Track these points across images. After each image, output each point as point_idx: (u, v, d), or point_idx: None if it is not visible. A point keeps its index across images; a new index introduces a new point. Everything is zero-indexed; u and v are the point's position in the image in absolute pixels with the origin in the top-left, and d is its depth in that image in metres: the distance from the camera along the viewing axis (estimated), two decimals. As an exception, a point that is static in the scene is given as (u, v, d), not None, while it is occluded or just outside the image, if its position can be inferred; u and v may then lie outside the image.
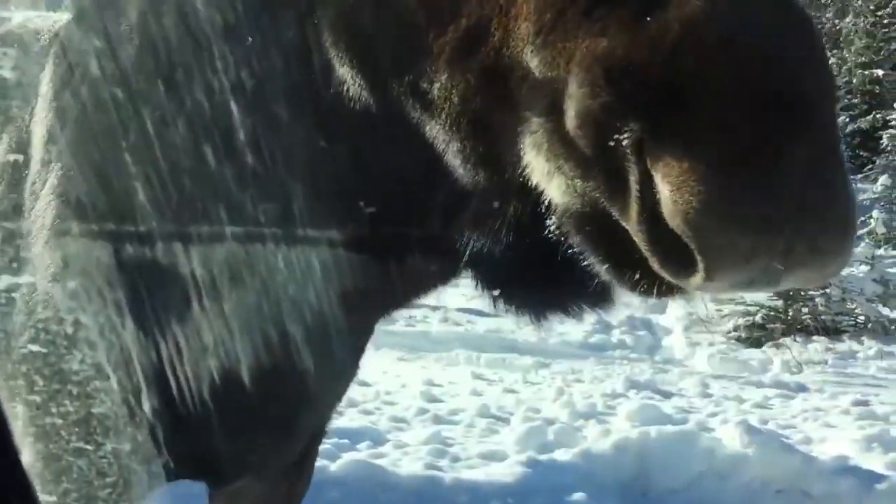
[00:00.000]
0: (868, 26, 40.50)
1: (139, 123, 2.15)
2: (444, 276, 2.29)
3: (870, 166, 33.40)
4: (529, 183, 1.57)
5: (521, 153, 1.55)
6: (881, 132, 31.68)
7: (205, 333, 2.20)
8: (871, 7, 40.57)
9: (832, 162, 1.30)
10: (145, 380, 2.20)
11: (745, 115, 1.23)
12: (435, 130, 1.81)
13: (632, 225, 1.36)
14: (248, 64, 2.06)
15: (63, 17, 2.62)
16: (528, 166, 1.55)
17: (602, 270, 1.53)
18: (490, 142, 1.69)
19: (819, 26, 49.18)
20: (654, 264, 1.38)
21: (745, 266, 1.30)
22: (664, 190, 1.27)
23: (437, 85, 1.72)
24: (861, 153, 35.72)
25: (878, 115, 35.53)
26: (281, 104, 2.09)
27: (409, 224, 2.05)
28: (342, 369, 2.71)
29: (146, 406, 2.21)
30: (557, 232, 1.59)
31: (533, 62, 1.47)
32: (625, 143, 1.29)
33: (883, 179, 27.62)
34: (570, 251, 1.58)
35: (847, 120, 35.95)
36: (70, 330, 2.17)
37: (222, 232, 2.15)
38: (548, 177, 1.51)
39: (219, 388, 2.26)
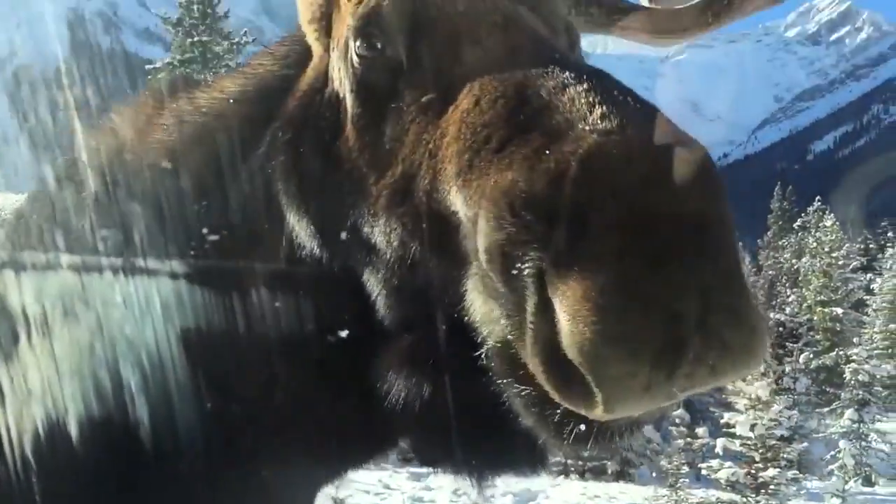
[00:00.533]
0: (824, 266, 42.26)
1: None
2: (380, 444, 2.28)
3: (837, 402, 33.47)
4: (465, 324, 1.59)
5: (449, 290, 1.61)
6: (844, 367, 32.09)
7: None
8: (826, 249, 42.58)
9: (732, 286, 1.29)
10: None
11: (636, 245, 1.24)
12: (373, 272, 1.88)
13: (527, 354, 1.37)
14: (206, 219, 2.16)
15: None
16: (455, 303, 1.59)
17: (523, 410, 1.52)
18: (422, 281, 1.73)
19: (778, 266, 51.72)
20: (554, 395, 1.36)
21: (644, 396, 1.27)
22: (562, 319, 1.27)
23: (376, 229, 1.82)
24: (827, 389, 35.94)
25: (840, 352, 36.18)
26: (240, 255, 2.17)
27: (352, 375, 2.01)
28: None
29: None
30: (489, 372, 1.58)
31: (456, 201, 1.56)
32: (525, 272, 1.33)
33: (849, 413, 27.57)
34: (499, 396, 1.57)
35: (811, 356, 36.46)
36: None
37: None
38: (471, 312, 1.56)
39: None
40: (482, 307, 1.55)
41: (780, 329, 37.76)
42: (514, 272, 1.35)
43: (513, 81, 1.56)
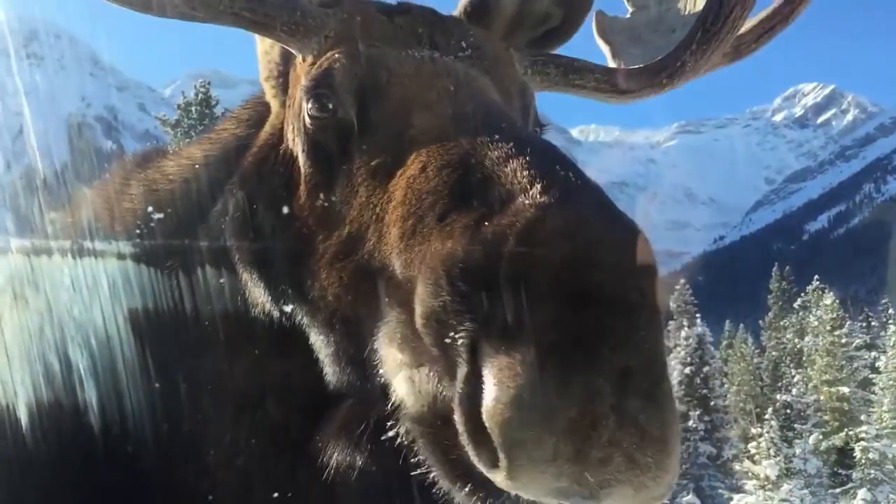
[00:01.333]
0: (827, 345, 41.91)
1: None
2: None
3: (850, 484, 32.77)
4: (384, 384, 1.62)
5: (377, 347, 1.63)
6: (854, 446, 31.57)
7: None
8: (828, 327, 42.30)
9: (654, 373, 1.30)
10: None
11: (560, 318, 1.26)
12: (315, 331, 1.91)
13: (458, 422, 1.37)
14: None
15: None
16: (381, 361, 1.62)
17: (439, 479, 1.53)
18: (357, 341, 1.75)
19: (781, 346, 50.88)
20: (472, 457, 1.37)
21: (549, 468, 1.27)
22: (487, 386, 1.29)
23: (317, 284, 1.86)
24: (838, 470, 35.17)
25: (849, 432, 35.62)
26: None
27: (304, 437, 2.02)
28: None
29: None
30: (403, 437, 1.60)
31: (396, 263, 1.60)
32: (459, 341, 1.35)
33: (862, 493, 27.04)
34: (414, 463, 1.58)
35: (820, 437, 35.88)
36: None
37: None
38: (396, 370, 1.57)
39: None
40: (394, 360, 1.56)
41: (788, 411, 37.22)
42: (448, 340, 1.36)
43: (459, 150, 1.60)
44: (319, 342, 1.90)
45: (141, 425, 2.07)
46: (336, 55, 1.97)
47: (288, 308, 1.95)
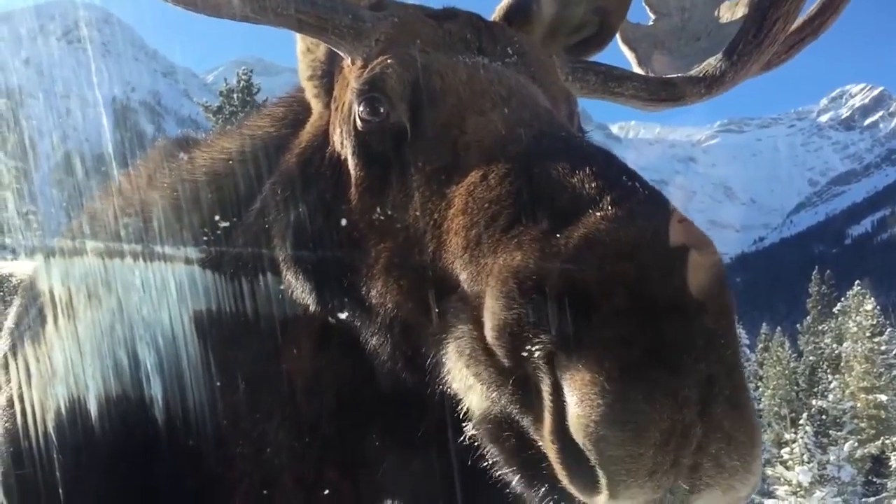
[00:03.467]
0: (866, 352, 41.25)
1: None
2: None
3: (884, 493, 32.27)
4: (449, 391, 1.65)
5: (444, 359, 1.64)
6: (890, 455, 31.04)
7: None
8: (867, 334, 41.63)
9: (734, 379, 1.31)
10: None
11: (643, 332, 1.27)
12: (370, 336, 1.91)
13: (544, 437, 1.38)
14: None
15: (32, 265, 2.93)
16: (449, 372, 1.63)
17: (513, 481, 1.54)
18: (417, 347, 1.76)
19: (819, 351, 50.22)
20: (563, 479, 1.38)
21: (648, 482, 1.28)
22: (570, 402, 1.30)
23: (373, 291, 1.86)
24: (873, 479, 34.65)
25: (886, 441, 35.05)
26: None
27: (348, 439, 2.06)
28: None
29: None
30: (472, 441, 1.61)
31: (462, 275, 1.60)
32: (537, 354, 1.35)
33: (897, 503, 26.56)
34: (483, 465, 1.59)
35: (856, 445, 35.36)
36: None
37: None
38: (466, 383, 1.58)
39: None
40: (463, 376, 1.57)
41: (823, 417, 36.71)
42: (524, 353, 1.36)
43: (521, 160, 1.60)
44: (375, 344, 1.89)
45: (201, 419, 2.12)
46: (388, 60, 1.96)
47: (343, 315, 1.96)
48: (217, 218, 2.24)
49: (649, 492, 1.29)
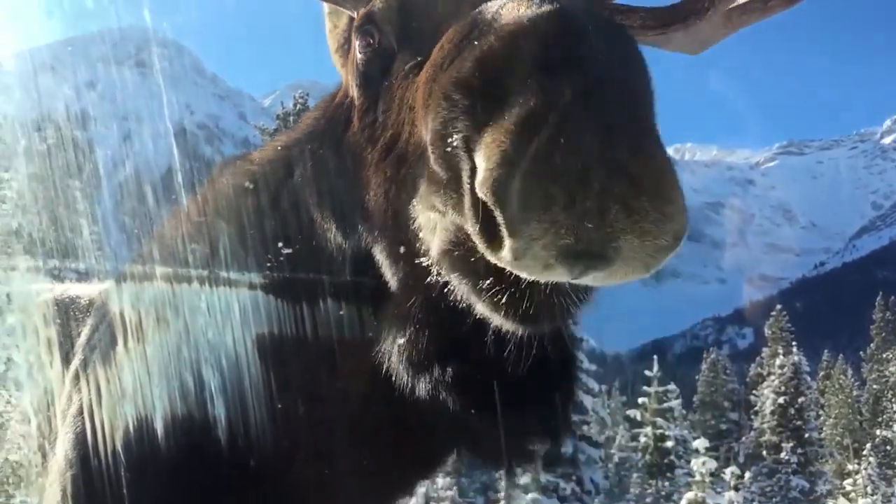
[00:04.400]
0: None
1: None
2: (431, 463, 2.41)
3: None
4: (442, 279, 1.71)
5: (413, 215, 1.75)
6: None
7: None
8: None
9: (638, 126, 1.36)
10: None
11: (537, 89, 1.34)
12: (376, 246, 2.02)
13: (464, 213, 1.47)
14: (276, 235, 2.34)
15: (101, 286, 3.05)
16: (419, 228, 1.74)
17: (467, 294, 1.62)
18: (407, 232, 1.83)
19: (883, 380, 48.28)
20: (478, 242, 1.45)
21: (546, 218, 1.32)
22: (479, 166, 1.38)
23: (371, 193, 1.99)
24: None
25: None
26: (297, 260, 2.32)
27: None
28: None
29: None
30: (438, 278, 1.70)
31: (421, 131, 1.71)
32: (456, 143, 1.45)
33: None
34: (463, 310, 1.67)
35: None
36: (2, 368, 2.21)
37: None
38: (426, 223, 1.70)
39: None
40: (426, 217, 1.67)
41: (888, 447, 35.55)
42: (449, 149, 1.46)
43: (470, 15, 1.65)
44: (380, 255, 1.99)
45: (262, 438, 2.19)
46: None
47: (356, 235, 2.07)
48: (280, 244, 2.31)
49: (551, 234, 1.32)
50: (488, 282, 1.54)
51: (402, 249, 1.87)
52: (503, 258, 1.40)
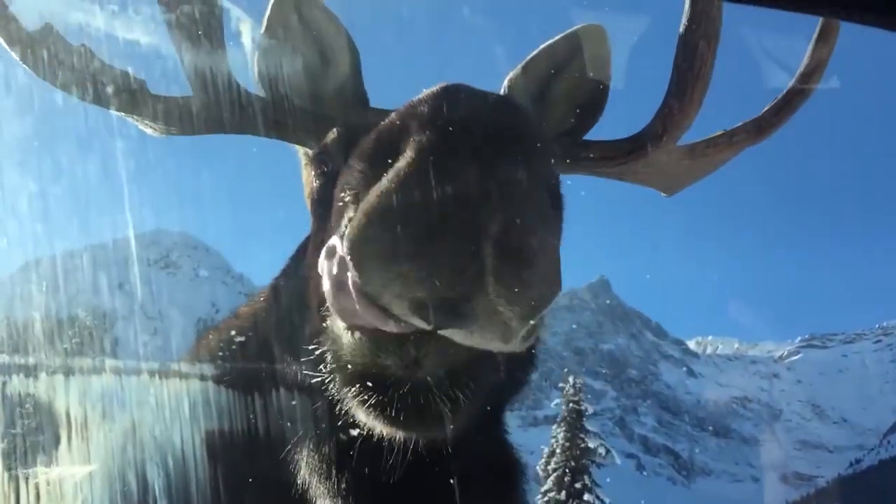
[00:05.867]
0: None
1: None
2: None
3: None
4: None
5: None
6: None
7: None
8: None
9: (508, 187, 1.37)
10: None
11: (416, 143, 1.41)
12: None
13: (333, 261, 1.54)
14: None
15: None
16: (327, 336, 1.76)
17: (338, 387, 1.66)
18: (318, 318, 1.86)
19: None
20: (330, 302, 1.53)
21: (392, 265, 1.35)
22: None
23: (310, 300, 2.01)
24: None
25: None
26: None
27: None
28: None
29: None
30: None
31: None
32: (347, 198, 1.58)
33: None
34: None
35: None
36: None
37: None
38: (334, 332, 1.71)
39: None
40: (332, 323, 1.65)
41: None
42: (340, 203, 1.59)
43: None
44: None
45: None
46: (334, 128, 2.21)
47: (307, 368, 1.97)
48: (249, 392, 2.28)
49: (400, 286, 1.35)
50: (357, 381, 1.56)
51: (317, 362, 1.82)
52: (357, 303, 1.41)
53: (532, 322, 1.43)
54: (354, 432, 1.70)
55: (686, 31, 2.36)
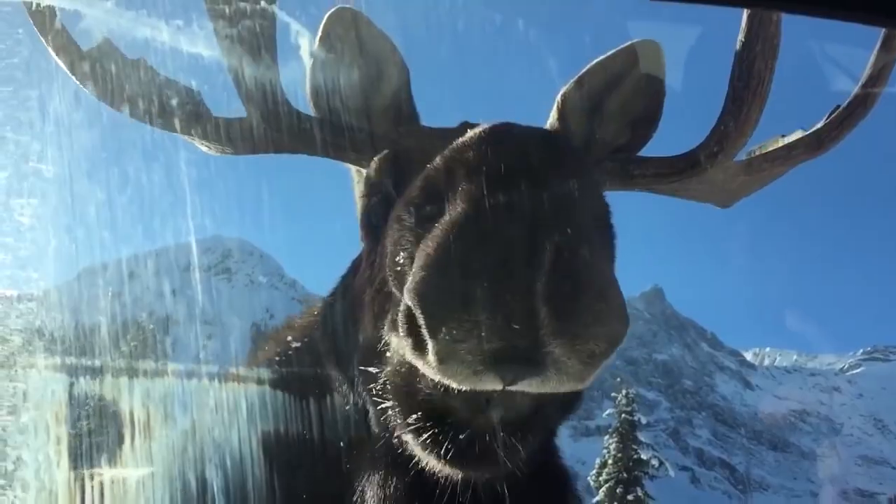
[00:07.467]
0: None
1: None
2: None
3: None
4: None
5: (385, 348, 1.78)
6: None
7: None
8: None
9: (566, 227, 1.36)
10: None
11: (468, 191, 1.41)
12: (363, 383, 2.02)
13: (398, 326, 1.50)
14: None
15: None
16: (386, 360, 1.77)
17: (401, 430, 1.65)
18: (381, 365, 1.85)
19: None
20: (404, 348, 1.49)
21: (467, 320, 1.32)
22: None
23: (364, 335, 2.02)
24: None
25: None
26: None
27: None
28: None
29: None
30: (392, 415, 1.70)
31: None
32: (402, 260, 1.56)
33: None
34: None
35: None
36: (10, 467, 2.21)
37: None
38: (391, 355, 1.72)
39: None
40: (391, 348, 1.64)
41: None
42: (398, 268, 1.55)
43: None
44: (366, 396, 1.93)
45: None
46: (381, 153, 2.20)
47: (362, 392, 1.98)
48: (304, 404, 2.32)
49: (476, 340, 1.30)
50: (417, 415, 1.54)
51: (377, 387, 1.82)
52: (429, 363, 1.38)
53: (610, 357, 1.44)
54: (408, 462, 1.70)
55: (743, 49, 2.30)
